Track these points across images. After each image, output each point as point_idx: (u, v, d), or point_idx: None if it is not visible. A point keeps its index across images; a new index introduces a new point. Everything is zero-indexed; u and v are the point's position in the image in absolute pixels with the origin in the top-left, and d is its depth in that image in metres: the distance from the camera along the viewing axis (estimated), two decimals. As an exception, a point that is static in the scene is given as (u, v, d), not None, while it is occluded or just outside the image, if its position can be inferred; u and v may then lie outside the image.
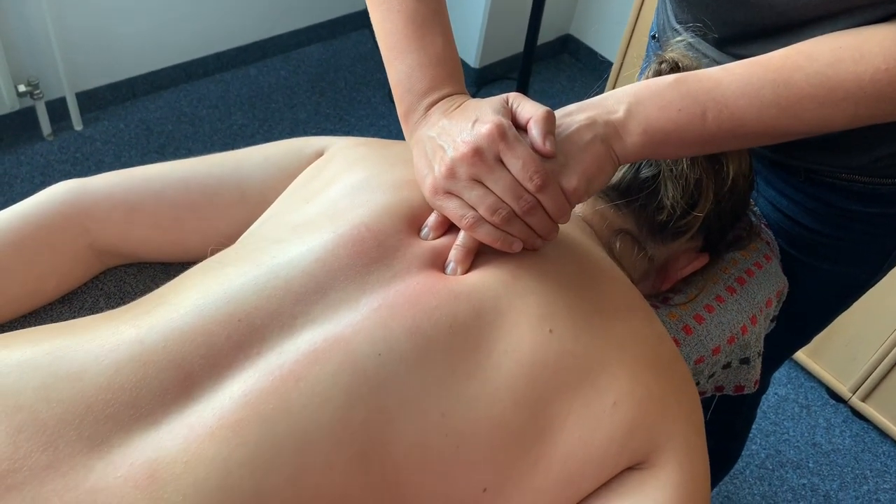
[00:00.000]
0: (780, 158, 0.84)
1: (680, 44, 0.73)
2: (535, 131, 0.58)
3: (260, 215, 0.70)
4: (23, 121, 2.04)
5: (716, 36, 0.75)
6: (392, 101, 0.82)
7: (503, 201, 0.57)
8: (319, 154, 0.74)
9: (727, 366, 0.80)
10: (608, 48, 2.62)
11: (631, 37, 1.94)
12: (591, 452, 0.53)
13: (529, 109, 0.59)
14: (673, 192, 0.70)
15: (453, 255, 0.59)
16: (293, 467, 0.47)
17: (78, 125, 2.11)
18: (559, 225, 0.60)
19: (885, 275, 0.92)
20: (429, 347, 0.52)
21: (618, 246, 0.70)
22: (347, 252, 0.57)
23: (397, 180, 0.63)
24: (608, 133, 0.59)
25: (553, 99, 2.55)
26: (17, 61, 1.91)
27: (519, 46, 2.37)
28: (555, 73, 2.68)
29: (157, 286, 0.60)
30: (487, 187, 0.57)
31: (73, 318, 0.67)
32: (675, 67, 0.69)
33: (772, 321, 0.87)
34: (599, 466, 0.54)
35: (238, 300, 0.53)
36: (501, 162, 0.57)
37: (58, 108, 2.07)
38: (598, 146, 0.59)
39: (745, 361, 0.80)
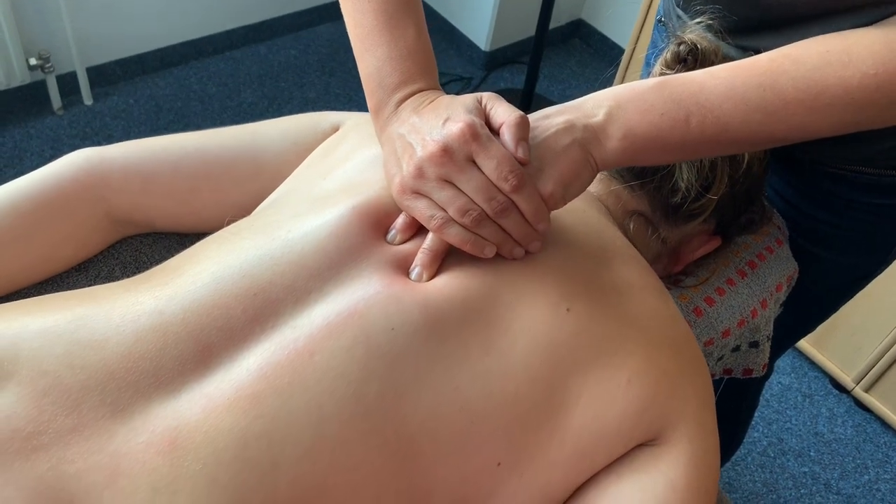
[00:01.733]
0: (785, 149, 0.83)
1: (699, 26, 0.73)
2: (507, 136, 0.55)
3: (275, 188, 0.71)
4: (33, 94, 2.04)
5: (725, 23, 0.74)
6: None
7: (474, 202, 0.55)
8: (335, 129, 0.74)
9: (736, 349, 0.81)
10: (620, 34, 2.60)
11: (643, 23, 1.93)
12: (605, 428, 0.54)
13: (503, 113, 0.57)
14: (688, 174, 0.70)
15: (419, 259, 0.56)
16: (309, 440, 0.48)
17: (88, 100, 2.11)
18: (539, 236, 0.58)
19: (888, 265, 0.92)
20: (442, 322, 0.53)
21: (632, 227, 0.70)
22: (361, 228, 0.57)
23: None
24: (587, 138, 0.57)
25: (563, 84, 2.55)
26: (28, 34, 1.91)
27: (530, 30, 2.35)
28: (565, 58, 2.67)
29: (172, 256, 0.61)
30: (458, 188, 0.55)
31: (89, 286, 0.67)
32: (693, 49, 0.69)
33: (780, 306, 0.87)
34: (612, 442, 0.54)
35: (253, 274, 0.54)
36: (473, 162, 0.55)
37: (68, 83, 2.07)
38: (576, 151, 0.57)
39: (754, 345, 0.80)
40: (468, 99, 0.58)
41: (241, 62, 2.36)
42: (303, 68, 2.39)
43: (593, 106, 0.58)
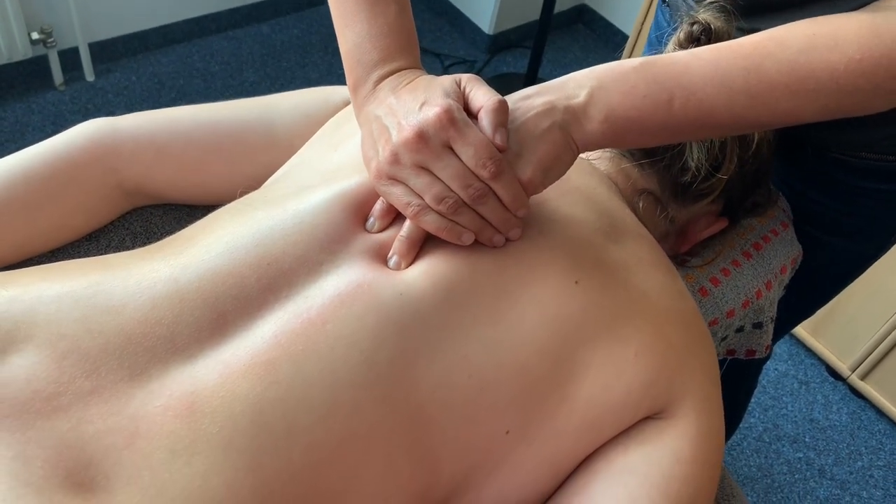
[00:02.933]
0: (790, 134, 0.84)
1: (712, 6, 0.73)
2: (485, 122, 0.54)
3: (286, 161, 0.71)
4: (35, 69, 2.03)
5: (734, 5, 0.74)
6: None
7: (451, 189, 0.54)
8: (346, 103, 0.74)
9: (740, 329, 0.81)
10: (624, 20, 2.60)
11: (648, 10, 1.92)
12: (612, 400, 0.55)
13: (482, 97, 0.55)
14: (698, 153, 0.70)
15: (396, 247, 0.56)
16: (323, 407, 0.48)
17: (90, 76, 2.10)
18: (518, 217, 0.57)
19: (887, 251, 0.93)
20: (450, 290, 0.54)
21: (641, 206, 0.71)
22: (372, 200, 0.58)
23: None
24: (567, 120, 0.56)
25: (566, 69, 2.54)
26: (31, 8, 1.90)
27: (534, 14, 2.35)
28: (569, 43, 2.66)
29: (183, 227, 0.61)
30: (434, 175, 0.54)
31: (101, 255, 0.68)
32: (706, 29, 0.69)
33: (784, 288, 0.88)
34: (619, 414, 0.55)
35: (266, 244, 0.54)
36: (450, 148, 0.54)
37: (70, 58, 2.06)
38: (556, 134, 0.56)
39: (757, 326, 0.81)
40: (447, 81, 0.57)
41: (243, 41, 2.35)
42: (305, 48, 2.38)
43: (575, 86, 0.57)
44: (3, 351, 0.47)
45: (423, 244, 0.57)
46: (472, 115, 0.55)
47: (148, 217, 0.75)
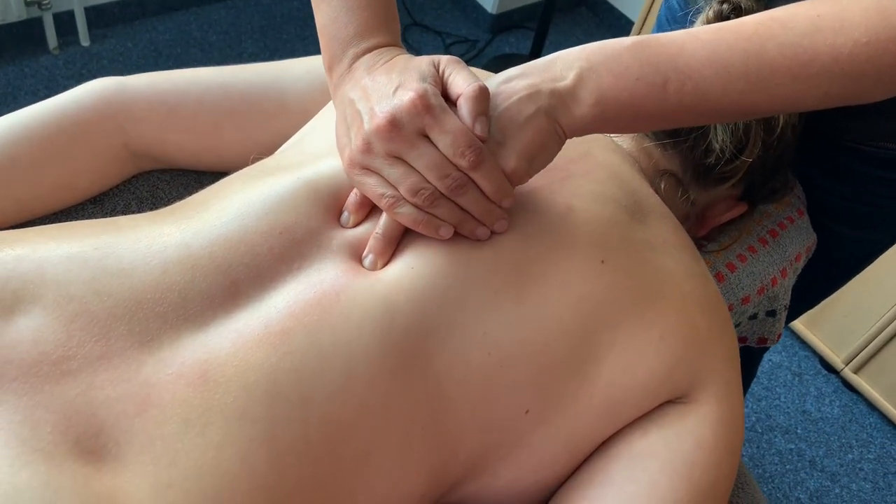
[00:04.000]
0: (805, 122, 0.83)
1: None
2: (465, 110, 0.50)
3: (300, 127, 0.69)
4: (29, 32, 1.99)
5: None
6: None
7: (427, 180, 0.51)
8: (362, 68, 0.72)
9: (754, 317, 0.81)
10: (629, 5, 2.58)
11: (655, -6, 1.90)
12: (634, 382, 0.54)
13: (461, 83, 0.51)
14: (722, 135, 0.69)
15: (371, 245, 0.53)
16: (338, 378, 0.47)
17: (85, 41, 2.06)
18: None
19: None
20: (468, 267, 0.52)
21: (662, 186, 0.69)
22: None
23: None
24: (553, 105, 0.52)
25: (568, 52, 2.52)
26: (26, -32, 1.86)
27: (539, -5, 2.33)
28: (571, 27, 2.64)
29: (190, 194, 0.59)
30: (409, 164, 0.51)
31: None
32: (736, 8, 0.67)
33: (796, 277, 0.87)
34: (641, 396, 0.54)
35: (277, 212, 0.53)
36: (425, 137, 0.50)
37: (65, 22, 2.02)
38: (541, 120, 0.52)
39: (771, 314, 0.80)
40: (424, 63, 0.53)
41: (242, 11, 2.31)
42: (305, 20, 2.34)
43: (562, 67, 0.52)
44: (10, 311, 0.45)
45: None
46: (452, 103, 0.52)
47: (155, 182, 0.72)
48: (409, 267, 0.52)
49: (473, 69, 0.58)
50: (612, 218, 0.58)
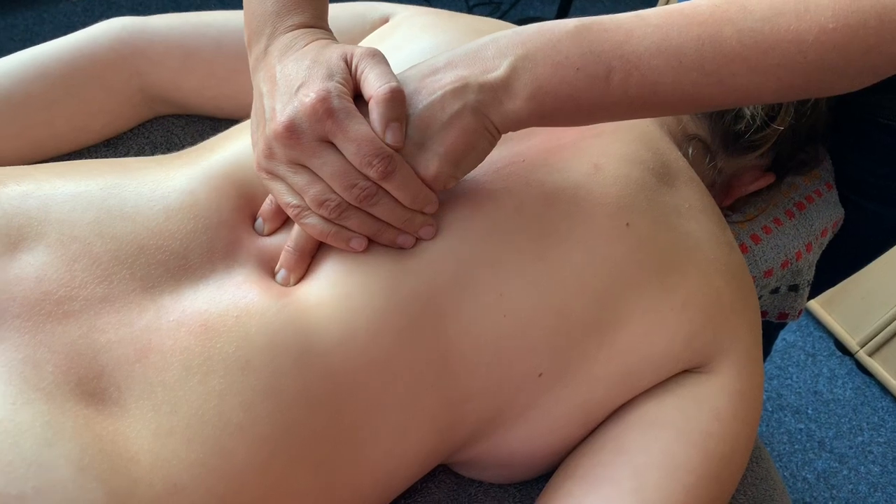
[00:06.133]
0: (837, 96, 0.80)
1: None
2: (375, 115, 0.46)
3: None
4: (48, -23, 1.97)
5: None
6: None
7: (333, 190, 0.46)
8: (384, 20, 0.70)
9: (776, 291, 0.79)
10: (657, -28, 2.51)
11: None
12: (654, 348, 0.52)
13: (374, 81, 0.46)
14: (755, 101, 0.66)
15: (283, 259, 0.49)
16: (339, 332, 0.46)
17: (105, -12, 2.04)
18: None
19: None
20: (488, 226, 0.51)
21: (690, 153, 0.67)
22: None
23: None
24: (482, 100, 0.46)
25: (593, 19, 2.47)
26: (47, -89, 1.83)
27: (566, -41, 2.27)
28: (598, -7, 2.58)
29: (204, 140, 0.58)
30: (314, 172, 0.47)
31: (119, 161, 0.65)
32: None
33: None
34: (659, 364, 0.53)
35: None
36: (329, 143, 0.46)
37: (85, -32, 1.99)
38: (467, 119, 0.46)
39: (794, 288, 0.78)
40: (335, 57, 0.47)
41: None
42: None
43: (494, 55, 0.47)
44: (13, 247, 0.44)
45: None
46: (366, 103, 0.47)
47: (169, 127, 0.71)
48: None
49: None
50: (639, 180, 0.56)
